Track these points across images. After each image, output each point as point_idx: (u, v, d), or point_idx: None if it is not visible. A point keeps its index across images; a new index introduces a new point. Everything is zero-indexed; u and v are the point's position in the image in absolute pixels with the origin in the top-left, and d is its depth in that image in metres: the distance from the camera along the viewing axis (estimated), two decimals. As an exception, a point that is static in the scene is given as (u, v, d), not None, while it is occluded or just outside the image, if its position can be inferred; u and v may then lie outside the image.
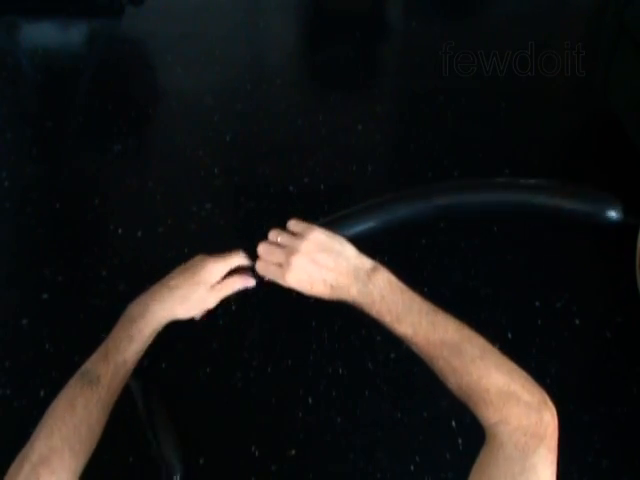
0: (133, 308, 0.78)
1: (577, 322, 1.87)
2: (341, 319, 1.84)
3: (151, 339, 0.78)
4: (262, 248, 0.80)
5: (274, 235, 0.81)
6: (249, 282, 0.82)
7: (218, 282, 0.81)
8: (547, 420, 0.65)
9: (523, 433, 0.64)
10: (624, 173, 2.32)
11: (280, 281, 0.78)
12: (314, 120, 2.54)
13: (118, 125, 2.54)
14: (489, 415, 0.66)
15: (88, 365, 0.76)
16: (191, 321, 0.82)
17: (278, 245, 0.79)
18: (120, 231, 2.09)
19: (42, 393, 1.64)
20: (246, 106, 2.63)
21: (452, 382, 0.70)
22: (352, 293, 0.76)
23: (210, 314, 0.84)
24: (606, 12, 2.39)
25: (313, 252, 0.77)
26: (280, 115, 2.60)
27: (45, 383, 1.65)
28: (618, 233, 2.11)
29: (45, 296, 1.90)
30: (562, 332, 1.85)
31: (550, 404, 0.67)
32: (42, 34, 3.12)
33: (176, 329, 0.81)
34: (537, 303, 1.92)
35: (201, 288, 0.79)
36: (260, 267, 0.80)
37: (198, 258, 0.82)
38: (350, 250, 0.79)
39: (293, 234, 0.80)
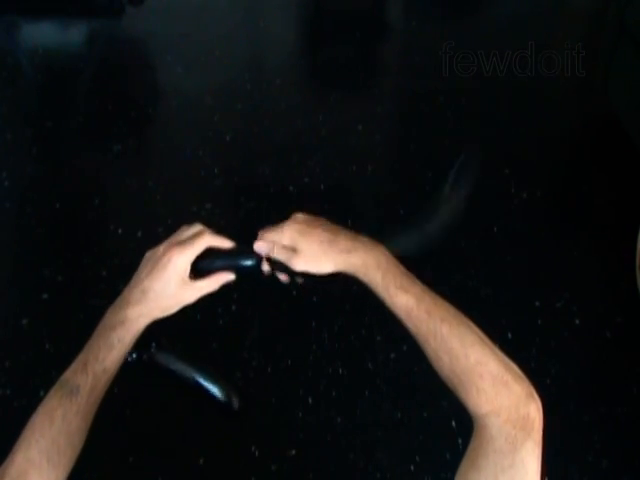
0: (110, 316, 0.77)
1: (577, 322, 1.87)
2: (341, 319, 1.84)
3: (132, 344, 0.77)
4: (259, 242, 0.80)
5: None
6: (229, 277, 0.80)
7: (201, 278, 0.79)
8: (534, 414, 0.66)
9: (512, 426, 0.64)
10: (624, 173, 2.32)
11: (283, 236, 0.78)
12: (314, 120, 2.54)
13: (118, 125, 2.54)
14: (481, 404, 0.66)
15: (67, 375, 0.74)
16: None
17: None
18: (120, 231, 2.09)
19: (42, 393, 1.62)
20: (246, 106, 2.63)
21: (445, 364, 0.69)
22: (360, 255, 0.75)
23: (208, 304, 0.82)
24: (606, 12, 2.39)
25: (309, 220, 0.79)
26: (280, 115, 2.60)
27: (45, 383, 1.64)
28: (618, 233, 2.11)
29: (45, 296, 1.90)
30: (562, 332, 1.85)
31: (536, 397, 0.68)
32: (42, 34, 3.12)
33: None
34: (537, 303, 1.92)
35: (172, 284, 0.77)
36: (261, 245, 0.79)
37: (162, 250, 0.78)
38: (337, 228, 0.79)
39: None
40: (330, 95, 2.75)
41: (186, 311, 0.78)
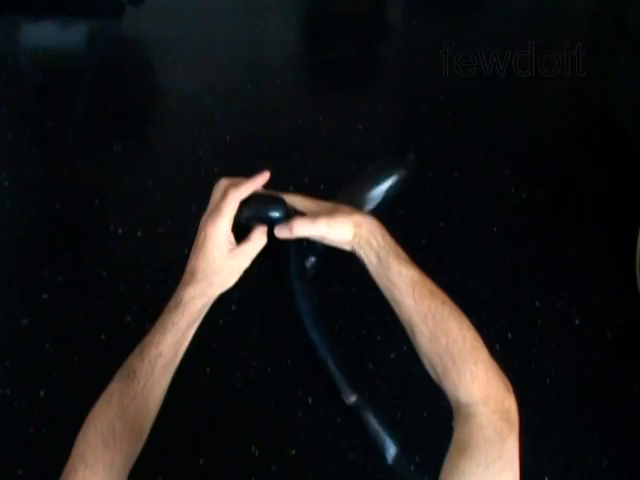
0: (171, 299, 0.75)
1: (577, 322, 1.87)
2: (341, 319, 1.84)
3: (193, 329, 0.75)
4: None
5: None
6: (265, 236, 0.77)
7: (236, 242, 0.76)
8: (514, 408, 0.67)
9: (499, 417, 0.64)
10: (624, 173, 2.32)
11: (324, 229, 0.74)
12: (314, 120, 2.54)
13: (118, 125, 2.54)
14: (473, 391, 0.66)
15: (128, 360, 0.74)
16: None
17: None
18: (120, 231, 2.09)
19: (42, 393, 1.63)
20: (246, 106, 2.63)
21: (441, 345, 0.68)
22: (372, 219, 0.75)
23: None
24: (606, 12, 2.39)
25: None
26: (280, 115, 2.60)
27: (45, 383, 1.65)
28: (618, 233, 2.11)
29: (45, 296, 1.90)
30: (562, 332, 1.85)
31: (512, 390, 0.69)
32: (42, 34, 3.12)
33: None
34: (537, 303, 1.92)
35: (217, 258, 0.74)
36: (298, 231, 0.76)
37: (200, 225, 0.77)
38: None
39: None
40: (330, 95, 2.75)
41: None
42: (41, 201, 2.22)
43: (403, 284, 0.71)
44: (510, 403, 0.66)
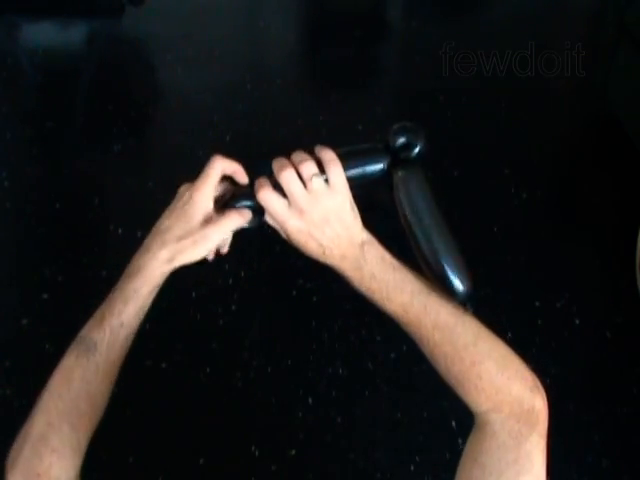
0: (130, 265, 0.72)
1: (577, 322, 1.87)
2: (341, 319, 1.84)
3: (153, 295, 0.71)
4: (282, 170, 0.74)
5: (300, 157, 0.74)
6: (246, 216, 0.74)
7: (216, 213, 0.74)
8: (539, 407, 0.65)
9: (516, 420, 0.63)
10: (624, 173, 2.32)
11: (279, 221, 0.71)
12: (314, 120, 2.54)
13: (118, 125, 2.54)
14: (481, 402, 0.65)
15: (84, 331, 0.70)
16: (203, 264, 0.73)
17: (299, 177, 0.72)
18: (120, 231, 2.09)
19: (42, 393, 1.63)
20: (246, 106, 2.63)
21: (442, 366, 0.68)
22: (343, 266, 0.70)
23: (219, 256, 0.77)
24: (606, 12, 2.39)
25: (330, 212, 0.70)
26: (280, 115, 2.60)
27: (45, 383, 1.65)
28: (618, 233, 2.11)
29: (45, 296, 1.90)
30: (562, 332, 1.85)
31: (541, 389, 0.67)
32: (42, 34, 3.12)
33: None
34: (537, 303, 1.92)
35: (194, 223, 0.72)
36: (264, 195, 0.72)
37: (182, 191, 0.76)
38: (350, 216, 0.72)
39: (319, 165, 0.74)
40: (330, 95, 2.75)
41: (187, 311, 0.78)
42: (41, 201, 2.22)
43: (390, 315, 0.70)
44: (532, 403, 0.64)
